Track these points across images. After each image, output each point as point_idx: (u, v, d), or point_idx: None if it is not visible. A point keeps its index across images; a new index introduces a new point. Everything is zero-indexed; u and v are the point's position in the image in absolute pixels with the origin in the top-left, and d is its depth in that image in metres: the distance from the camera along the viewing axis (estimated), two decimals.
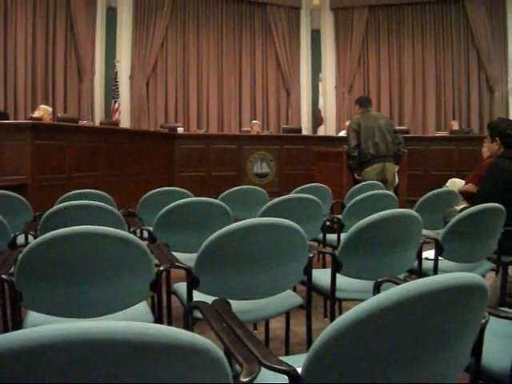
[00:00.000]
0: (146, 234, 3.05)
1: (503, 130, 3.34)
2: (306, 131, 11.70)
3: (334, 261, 2.28)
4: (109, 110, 10.39)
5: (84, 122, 8.08)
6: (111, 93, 10.35)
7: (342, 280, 2.33)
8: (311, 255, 2.15)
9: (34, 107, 8.57)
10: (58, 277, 1.75)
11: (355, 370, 1.01)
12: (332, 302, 2.38)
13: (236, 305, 1.76)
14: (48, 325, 0.75)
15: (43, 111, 7.30)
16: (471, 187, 4.09)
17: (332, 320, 2.29)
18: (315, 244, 3.62)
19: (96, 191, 3.56)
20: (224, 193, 3.82)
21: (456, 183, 5.10)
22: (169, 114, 11.22)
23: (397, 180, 5.88)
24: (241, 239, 1.94)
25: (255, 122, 10.34)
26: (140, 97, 10.84)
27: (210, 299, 1.74)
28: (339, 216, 3.61)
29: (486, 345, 1.30)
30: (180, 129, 9.01)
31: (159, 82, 11.18)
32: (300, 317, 2.59)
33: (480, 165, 4.17)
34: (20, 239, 2.85)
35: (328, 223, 3.63)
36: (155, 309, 2.10)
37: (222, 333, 1.40)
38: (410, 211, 2.36)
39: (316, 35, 12.31)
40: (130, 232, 2.73)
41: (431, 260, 2.65)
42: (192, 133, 9.72)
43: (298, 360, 1.09)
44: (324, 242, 3.63)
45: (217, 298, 1.75)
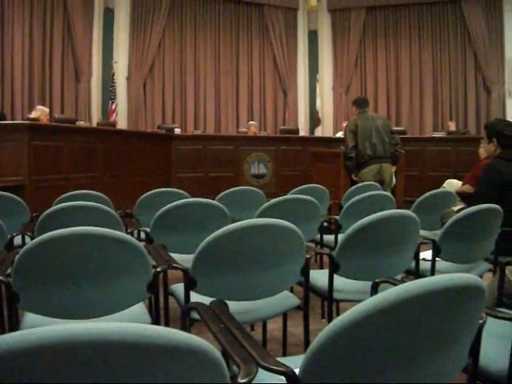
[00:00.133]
0: (143, 235, 3.05)
1: (500, 131, 3.34)
2: (303, 132, 11.69)
3: (332, 262, 2.28)
4: (106, 111, 10.36)
5: (81, 123, 8.08)
6: (108, 94, 10.33)
7: (340, 281, 2.33)
8: (308, 256, 2.15)
9: (31, 108, 8.55)
10: (55, 278, 1.74)
11: (353, 371, 1.01)
12: (329, 303, 2.38)
13: (233, 306, 1.76)
14: (45, 326, 0.75)
15: (40, 112, 7.28)
16: (468, 188, 4.11)
17: (329, 321, 2.29)
18: (312, 245, 3.62)
19: (93, 192, 3.55)
20: (221, 194, 3.82)
21: (453, 184, 5.12)
22: (166, 115, 11.21)
23: (394, 181, 5.89)
24: (238, 240, 1.94)
25: (252, 123, 10.33)
26: (137, 98, 10.83)
27: (208, 300, 1.73)
28: (336, 217, 3.61)
29: (484, 345, 1.30)
30: (177, 130, 9.00)
31: (156, 83, 11.16)
32: (297, 318, 2.59)
33: (477, 166, 4.19)
34: (17, 240, 2.85)
35: (325, 224, 3.64)
36: (152, 310, 2.09)
37: (220, 334, 1.39)
38: (408, 212, 2.36)
39: (313, 36, 12.31)
40: (127, 233, 2.73)
41: (428, 261, 2.66)
42: (189, 134, 9.71)
43: (296, 361, 1.09)
44: (321, 243, 3.63)
45: (214, 299, 1.75)
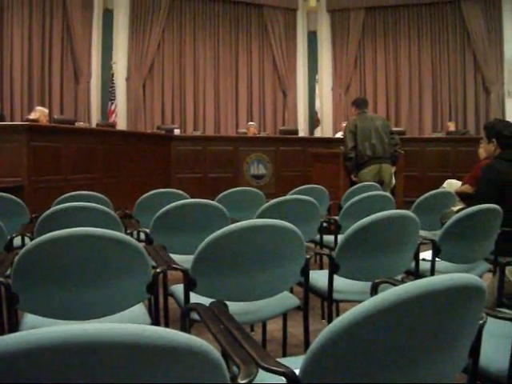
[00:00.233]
0: (143, 236, 3.05)
1: (500, 131, 3.34)
2: (303, 133, 11.69)
3: (331, 262, 2.27)
4: (105, 112, 10.37)
5: (80, 124, 8.09)
6: (108, 94, 10.34)
7: (339, 281, 2.33)
8: (308, 256, 2.15)
9: (31, 109, 8.56)
10: (55, 279, 1.74)
11: (353, 372, 1.01)
12: (329, 304, 2.37)
13: (233, 306, 1.76)
14: (45, 327, 0.75)
15: (39, 113, 7.28)
16: (468, 188, 4.11)
17: (329, 321, 2.30)
18: (312, 245, 3.62)
19: (93, 193, 3.55)
20: (221, 194, 3.81)
21: (453, 184, 5.12)
22: (165, 116, 11.21)
23: (393, 181, 5.88)
24: (238, 241, 1.94)
25: (252, 124, 10.33)
26: (136, 98, 10.83)
27: (207, 301, 1.73)
28: (336, 217, 3.61)
29: (484, 346, 1.30)
30: (176, 130, 9.00)
31: (156, 84, 11.17)
32: (297, 318, 2.59)
33: (476, 166, 4.18)
34: (16, 241, 2.85)
35: (325, 224, 3.64)
36: (152, 311, 2.09)
37: (220, 334, 1.39)
38: (407, 212, 2.36)
39: (312, 37, 12.32)
40: (127, 234, 2.72)
41: (428, 261, 2.66)
42: (188, 134, 9.73)
43: (296, 362, 1.09)
44: (321, 244, 3.63)
45: (214, 300, 1.74)
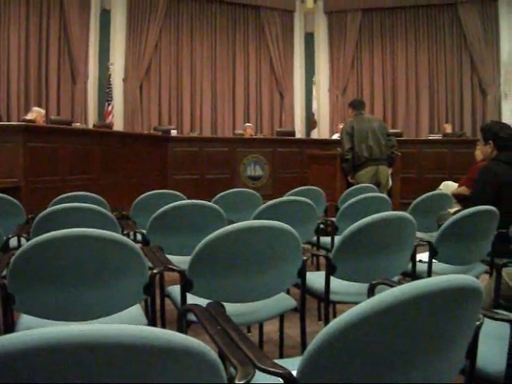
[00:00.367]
0: (140, 237, 3.05)
1: (496, 133, 3.35)
2: (300, 134, 11.72)
3: (328, 263, 2.27)
4: (102, 113, 10.35)
5: (77, 125, 8.08)
6: (105, 95, 10.31)
7: (336, 283, 2.33)
8: (305, 258, 2.15)
9: (27, 109, 8.54)
10: (51, 280, 1.73)
11: (350, 373, 1.01)
12: (326, 305, 2.37)
13: (230, 307, 1.76)
14: (41, 328, 0.74)
15: (36, 113, 7.28)
16: (464, 190, 4.11)
17: (326, 323, 2.29)
18: (309, 247, 3.62)
19: (89, 194, 3.54)
20: (217, 195, 3.81)
21: (449, 186, 5.13)
22: (162, 117, 11.20)
23: (390, 183, 5.89)
24: (234, 242, 1.94)
25: (248, 125, 10.34)
26: (133, 99, 10.82)
27: (204, 302, 1.73)
28: (333, 219, 3.61)
29: (481, 347, 1.30)
30: (173, 131, 9.00)
31: (153, 85, 11.16)
32: (294, 320, 2.58)
33: (473, 168, 4.19)
34: (13, 242, 2.83)
35: (322, 226, 3.63)
36: (149, 312, 2.09)
37: (217, 336, 1.39)
38: (404, 214, 2.36)
39: (309, 38, 12.34)
40: (124, 235, 2.72)
41: (425, 263, 2.65)
42: (185, 135, 9.74)
43: (293, 363, 1.09)
44: (318, 245, 3.63)
45: (211, 301, 1.74)
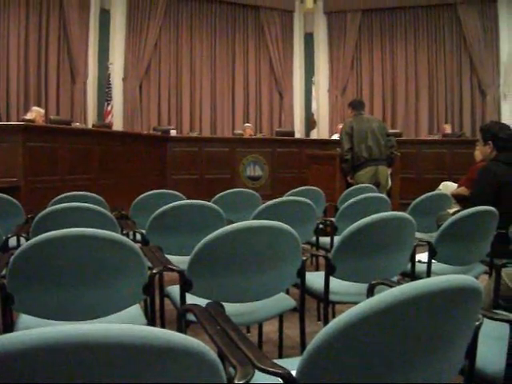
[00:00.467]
0: (139, 237, 3.05)
1: (496, 134, 3.35)
2: (299, 134, 11.72)
3: (328, 263, 2.27)
4: (102, 113, 10.34)
5: (77, 124, 8.08)
6: (104, 95, 10.31)
7: (336, 283, 2.33)
8: (304, 258, 2.15)
9: (27, 109, 8.53)
10: (51, 279, 1.73)
11: (349, 373, 1.01)
12: (325, 305, 2.38)
13: (229, 307, 1.76)
14: (40, 328, 0.74)
15: (36, 113, 7.27)
16: (464, 190, 4.11)
17: (325, 323, 2.29)
18: (308, 247, 3.62)
19: (89, 193, 3.54)
20: (217, 195, 3.81)
21: (448, 186, 5.13)
22: (162, 117, 11.20)
23: (390, 183, 5.89)
24: (234, 242, 1.94)
25: (248, 125, 10.34)
26: (133, 99, 10.82)
27: (204, 302, 1.73)
28: (332, 219, 3.61)
29: (480, 347, 1.30)
30: (173, 131, 9.00)
31: (152, 85, 11.16)
32: (293, 320, 2.58)
33: (472, 168, 4.19)
34: (12, 242, 2.83)
35: (321, 226, 3.63)
36: (148, 312, 2.09)
37: (216, 336, 1.39)
38: (404, 214, 2.36)
39: (309, 38, 12.34)
40: (123, 235, 2.72)
41: (424, 263, 2.65)
42: (185, 135, 9.74)
43: (292, 363, 1.09)
44: (317, 245, 3.63)
45: (210, 301, 1.74)
